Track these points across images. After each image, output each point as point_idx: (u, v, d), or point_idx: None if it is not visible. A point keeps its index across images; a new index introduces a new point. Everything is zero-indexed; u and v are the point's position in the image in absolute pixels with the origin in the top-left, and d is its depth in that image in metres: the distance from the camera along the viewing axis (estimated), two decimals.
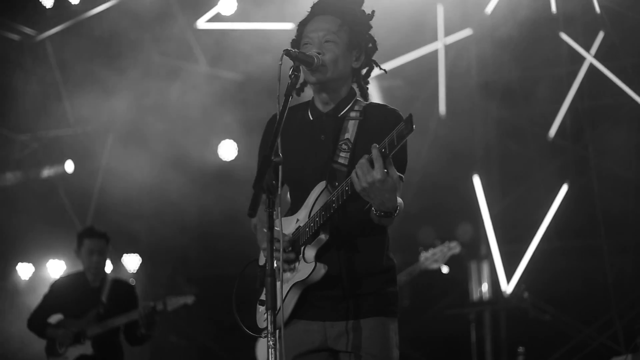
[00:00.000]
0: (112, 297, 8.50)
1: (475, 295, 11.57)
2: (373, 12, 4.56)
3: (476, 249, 11.67)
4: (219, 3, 12.26)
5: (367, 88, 4.60)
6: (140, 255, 12.49)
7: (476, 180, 11.75)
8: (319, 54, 4.32)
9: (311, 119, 4.52)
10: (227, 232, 11.75)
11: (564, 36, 11.48)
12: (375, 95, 11.77)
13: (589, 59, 11.37)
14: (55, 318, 8.49)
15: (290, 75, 4.16)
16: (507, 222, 11.61)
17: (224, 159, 12.34)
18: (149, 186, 12.74)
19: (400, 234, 9.26)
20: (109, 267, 11.74)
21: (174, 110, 12.73)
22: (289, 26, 11.48)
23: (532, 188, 11.63)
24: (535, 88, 11.78)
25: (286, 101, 4.08)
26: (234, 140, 12.35)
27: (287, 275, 4.29)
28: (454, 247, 8.75)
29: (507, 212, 11.67)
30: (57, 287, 8.76)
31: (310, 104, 4.57)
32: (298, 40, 4.54)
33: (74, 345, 8.29)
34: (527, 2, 11.27)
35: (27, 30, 12.67)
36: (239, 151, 12.30)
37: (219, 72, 12.77)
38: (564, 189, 11.43)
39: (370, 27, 4.56)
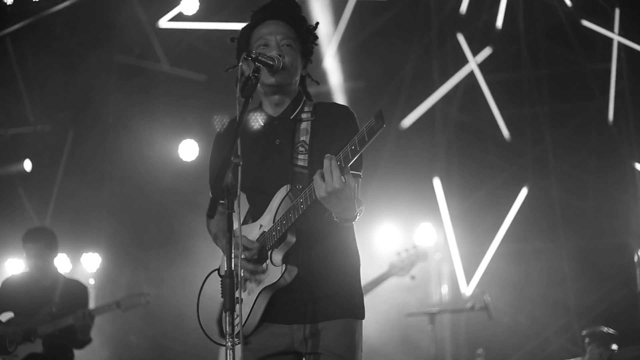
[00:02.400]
0: (64, 297, 8.40)
1: (435, 297, 11.60)
2: (317, 23, 4.63)
3: (437, 250, 11.68)
4: (182, 3, 12.20)
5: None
6: (100, 255, 12.39)
7: (436, 183, 11.78)
8: (280, 55, 4.32)
9: (261, 124, 4.49)
10: (187, 233, 11.71)
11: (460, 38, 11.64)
12: (338, 97, 11.82)
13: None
14: (5, 316, 8.38)
15: (250, 77, 4.13)
16: (467, 225, 11.65)
17: (184, 159, 12.26)
18: (109, 185, 12.67)
19: (362, 235, 9.35)
20: (67, 266, 11.72)
21: (135, 109, 12.66)
22: None
23: (492, 191, 11.68)
24: (497, 92, 11.84)
25: (246, 102, 4.03)
26: (195, 140, 12.26)
27: (254, 284, 4.27)
28: (422, 255, 8.73)
29: (467, 214, 11.72)
30: (9, 285, 8.66)
31: (258, 110, 4.55)
32: (246, 41, 4.55)
33: (23, 343, 8.20)
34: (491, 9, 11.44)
35: None
36: (200, 151, 12.22)
37: (180, 72, 12.72)
38: (524, 191, 11.49)
39: (317, 37, 4.61)
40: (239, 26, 12.06)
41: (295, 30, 4.47)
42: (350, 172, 3.97)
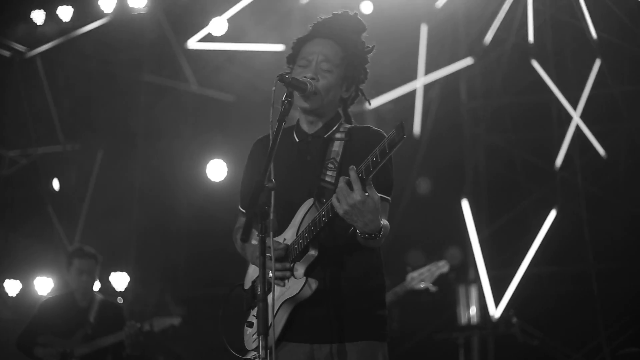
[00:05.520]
0: (99, 318, 8.49)
1: (463, 320, 11.54)
2: (373, 47, 4.57)
3: (465, 273, 11.65)
4: (210, 23, 12.26)
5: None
6: (129, 274, 12.42)
7: (465, 205, 11.74)
8: (312, 79, 4.33)
9: (297, 140, 4.53)
10: (215, 252, 11.72)
11: (535, 64, 11.57)
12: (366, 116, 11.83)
13: (554, 89, 11.46)
14: (43, 338, 8.47)
15: (283, 101, 4.15)
16: (495, 247, 11.60)
17: (213, 179, 12.27)
18: (138, 205, 12.71)
19: (389, 257, 9.32)
20: (96, 285, 11.76)
21: (164, 129, 12.72)
22: (279, 48, 11.55)
23: (521, 213, 11.63)
24: (525, 114, 11.80)
25: (279, 127, 4.05)
26: (224, 161, 12.29)
27: (277, 293, 4.27)
28: (442, 266, 8.57)
29: (495, 236, 11.67)
30: (46, 307, 8.76)
31: (295, 127, 4.58)
32: (294, 56, 4.54)
33: None
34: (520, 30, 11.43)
35: (18, 47, 12.67)
36: (228, 171, 12.25)
37: (208, 92, 12.78)
38: (553, 214, 11.43)
39: (367, 61, 4.57)
40: (267, 47, 12.23)
41: (345, 51, 4.45)
42: (379, 195, 3.97)
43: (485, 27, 12.02)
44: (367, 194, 3.84)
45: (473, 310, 11.58)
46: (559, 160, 11.58)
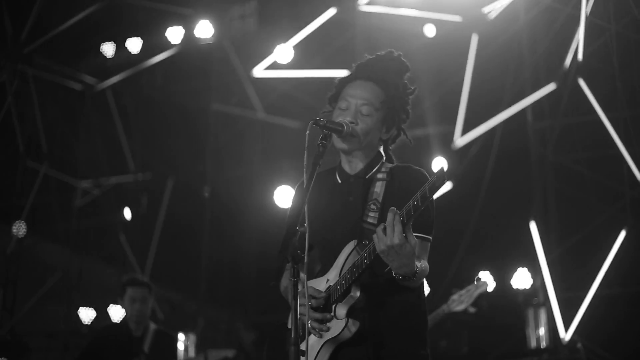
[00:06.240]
0: (153, 347, 8.54)
1: (532, 343, 11.40)
2: (415, 89, 4.56)
3: (534, 295, 11.51)
4: (275, 51, 12.36)
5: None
6: (199, 300, 12.55)
7: (533, 226, 11.61)
8: (351, 122, 4.34)
9: (339, 181, 4.54)
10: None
11: (581, 82, 11.36)
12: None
13: (598, 109, 11.24)
14: None
15: (318, 144, 4.19)
16: (565, 268, 11.45)
17: (281, 206, 12.35)
18: (208, 231, 12.85)
19: (458, 279, 9.30)
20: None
21: (232, 157, 12.86)
22: (344, 73, 11.54)
23: (590, 233, 11.45)
24: (592, 132, 11.64)
25: (313, 170, 4.10)
26: (292, 187, 12.34)
27: (317, 338, 4.29)
28: (481, 286, 8.47)
29: (564, 258, 11.51)
30: (100, 336, 8.85)
31: (337, 167, 4.59)
32: (336, 97, 4.57)
33: None
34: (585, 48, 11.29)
35: (89, 79, 12.94)
36: None
37: (275, 119, 12.88)
38: (622, 234, 11.24)
39: (409, 103, 4.56)
40: (332, 73, 12.28)
41: (386, 94, 4.45)
42: (420, 235, 3.99)
43: (553, 46, 11.89)
44: (404, 235, 3.86)
45: (542, 333, 11.43)
46: (628, 179, 11.37)
